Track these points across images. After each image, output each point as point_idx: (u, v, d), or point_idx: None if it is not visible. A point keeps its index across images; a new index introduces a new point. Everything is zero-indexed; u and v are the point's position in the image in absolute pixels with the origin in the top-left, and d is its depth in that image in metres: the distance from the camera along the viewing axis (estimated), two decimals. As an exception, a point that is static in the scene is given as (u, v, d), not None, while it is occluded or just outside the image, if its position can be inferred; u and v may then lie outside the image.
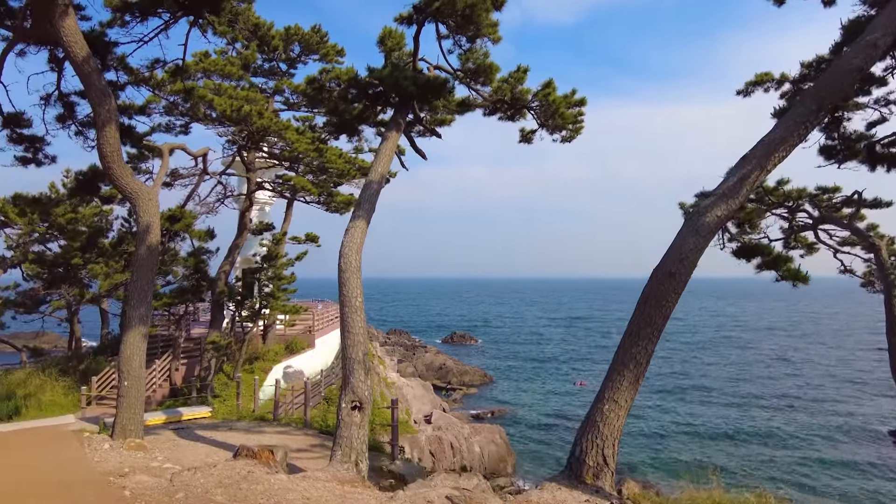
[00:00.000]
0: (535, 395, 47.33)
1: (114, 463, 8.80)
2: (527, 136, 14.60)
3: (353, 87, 12.14)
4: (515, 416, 41.01)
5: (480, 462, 29.32)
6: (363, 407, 8.63)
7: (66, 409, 20.73)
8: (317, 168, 20.50)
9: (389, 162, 11.22)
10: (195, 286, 18.68)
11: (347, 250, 9.55)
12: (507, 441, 32.67)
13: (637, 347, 7.66)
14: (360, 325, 9.09)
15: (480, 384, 52.10)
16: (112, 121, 10.20)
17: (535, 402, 45.06)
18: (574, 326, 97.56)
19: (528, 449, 34.37)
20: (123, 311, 24.01)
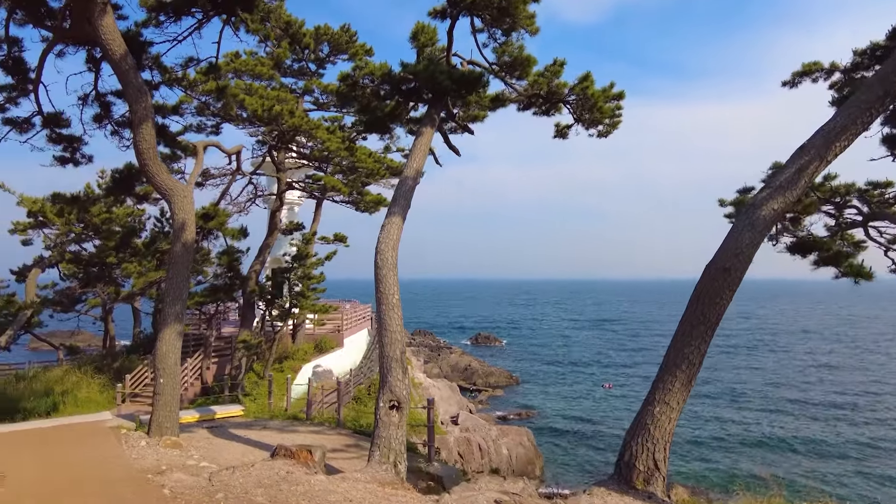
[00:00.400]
0: (561, 398, 46.69)
1: (151, 460, 8.75)
2: (562, 132, 14.26)
3: (386, 82, 11.97)
4: (542, 418, 40.48)
5: (508, 464, 28.96)
6: (401, 406, 8.42)
7: (101, 406, 21.04)
8: (347, 167, 20.43)
9: (424, 158, 11.02)
10: (228, 284, 18.74)
11: (384, 247, 9.37)
12: (535, 443, 32.22)
13: (690, 347, 7.30)
14: (397, 322, 8.90)
15: (506, 386, 51.62)
16: (148, 118, 10.20)
17: (562, 404, 44.43)
18: (600, 328, 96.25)
19: (556, 451, 33.83)
20: (156, 308, 24.43)
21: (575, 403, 43.88)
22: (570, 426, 37.66)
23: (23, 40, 12.07)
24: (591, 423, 37.85)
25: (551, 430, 36.83)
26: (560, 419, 39.20)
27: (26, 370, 23.21)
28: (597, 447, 33.06)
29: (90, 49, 12.71)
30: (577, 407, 42.60)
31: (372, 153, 20.71)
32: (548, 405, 43.14)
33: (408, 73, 11.37)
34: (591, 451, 32.49)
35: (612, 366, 59.34)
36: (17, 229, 25.39)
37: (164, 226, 21.60)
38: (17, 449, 9.12)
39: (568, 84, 12.66)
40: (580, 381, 52.43)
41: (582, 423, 37.93)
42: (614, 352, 69.00)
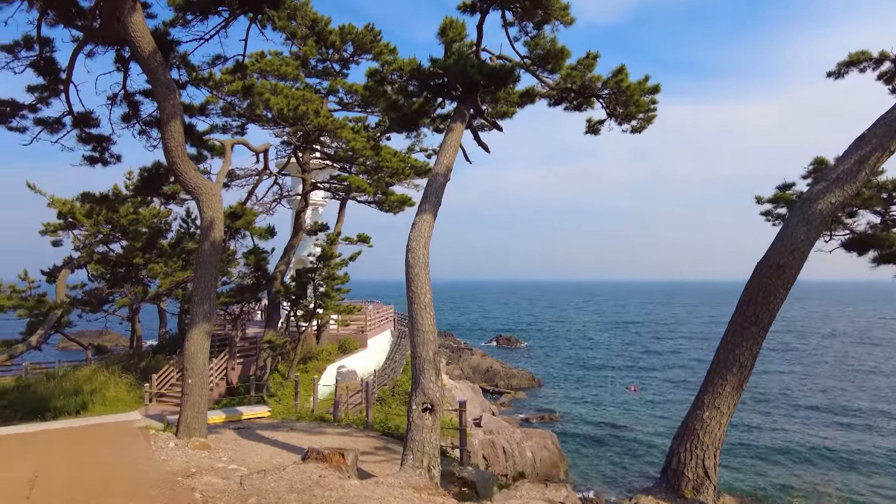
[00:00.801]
0: (585, 400, 45.98)
1: (180, 462, 8.61)
2: (594, 127, 13.88)
3: (415, 78, 11.74)
4: (566, 421, 39.86)
5: (532, 467, 28.54)
6: (435, 409, 8.15)
7: (128, 406, 21.18)
8: (371, 167, 20.28)
9: (455, 154, 10.75)
10: (255, 284, 18.68)
11: (415, 244, 9.12)
12: (559, 446, 31.72)
13: (741, 349, 6.91)
14: (429, 322, 8.63)
15: (528, 388, 51.04)
16: (176, 115, 10.11)
17: (586, 406, 43.73)
18: (622, 330, 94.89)
19: (581, 455, 33.24)
20: (182, 309, 24.55)
21: (599, 406, 43.16)
22: (594, 429, 37.02)
23: (54, 41, 12.12)
24: (616, 426, 37.15)
25: (575, 434, 36.23)
26: (584, 422, 38.56)
27: (56, 369, 23.52)
28: (623, 451, 32.41)
29: (119, 49, 12.72)
30: (602, 410, 41.87)
31: (396, 153, 20.53)
32: (571, 408, 42.50)
33: (437, 68, 11.12)
34: (617, 455, 31.85)
35: (637, 369, 58.38)
36: (48, 230, 25.77)
37: (189, 226, 21.69)
38: (48, 449, 9.06)
39: (602, 77, 12.29)
40: (604, 384, 51.63)
41: (607, 427, 37.24)
42: (638, 354, 67.91)
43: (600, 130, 14.05)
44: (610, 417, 39.51)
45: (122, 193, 15.92)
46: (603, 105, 13.19)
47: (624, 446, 32.87)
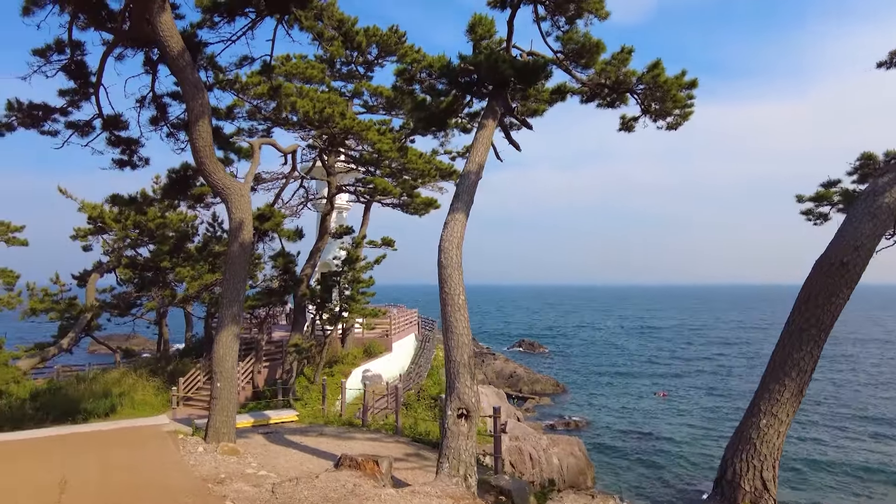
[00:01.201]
0: (611, 406, 45.08)
1: (209, 467, 8.42)
2: (628, 124, 13.48)
3: (444, 75, 11.49)
4: (592, 427, 39.08)
5: (559, 474, 27.94)
6: (471, 415, 7.83)
7: (156, 409, 21.26)
8: (397, 169, 20.09)
9: (487, 151, 10.46)
10: (283, 287, 18.59)
11: (447, 245, 8.83)
12: (587, 453, 31.03)
13: (800, 352, 6.44)
14: (464, 324, 8.33)
15: (552, 393, 50.24)
16: (205, 115, 10.00)
17: (612, 413, 42.85)
18: (649, 335, 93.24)
19: (608, 462, 32.46)
20: (209, 313, 24.64)
21: (626, 413, 42.25)
22: (621, 436, 36.20)
23: (85, 44, 12.17)
24: (644, 433, 36.27)
25: (602, 440, 35.47)
26: (611, 429, 37.75)
27: (86, 372, 23.76)
28: (652, 459, 31.59)
29: (147, 51, 12.74)
30: (628, 416, 40.98)
31: (422, 154, 20.32)
32: (597, 414, 41.70)
33: (468, 65, 10.85)
34: (646, 463, 31.06)
35: (664, 375, 57.11)
36: (78, 235, 26.14)
37: (216, 230, 21.75)
38: (77, 452, 8.96)
39: (637, 72, 11.89)
40: (631, 391, 50.62)
41: (634, 434, 36.38)
42: (665, 360, 66.56)
43: (634, 127, 13.64)
44: (637, 424, 38.63)
45: (150, 196, 15.99)
46: (637, 101, 12.78)
47: (653, 454, 32.06)
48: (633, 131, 13.72)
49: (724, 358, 65.32)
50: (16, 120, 12.50)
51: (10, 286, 25.55)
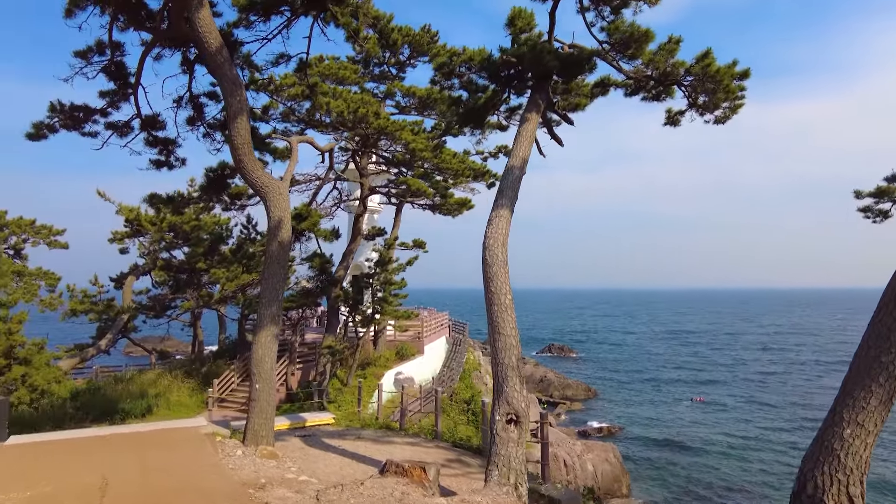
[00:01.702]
0: (645, 411, 44.02)
1: (249, 472, 8.20)
2: (673, 118, 12.91)
3: (485, 69, 11.15)
4: (625, 433, 38.17)
5: (594, 481, 27.28)
6: (520, 420, 7.44)
7: (191, 410, 21.35)
8: (430, 169, 19.82)
9: (531, 145, 10.08)
10: (319, 288, 18.46)
11: (492, 242, 8.46)
12: (621, 460, 30.23)
13: (890, 355, 5.88)
14: (511, 325, 7.95)
15: (584, 398, 49.36)
16: (243, 112, 9.85)
17: (647, 418, 41.81)
18: (680, 340, 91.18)
19: (643, 469, 31.61)
20: (242, 315, 24.74)
21: (660, 419, 41.20)
22: (656, 443, 35.25)
23: (124, 45, 12.21)
24: (678, 440, 35.25)
25: (636, 447, 34.60)
26: (645, 435, 36.82)
27: (123, 373, 24.05)
28: (688, 467, 30.63)
29: (185, 50, 12.73)
30: (662, 423, 39.94)
31: (456, 154, 20.00)
32: (630, 420, 40.76)
33: (511, 56, 10.49)
34: (682, 471, 30.15)
35: (700, 381, 55.59)
36: (116, 239, 26.57)
37: (250, 232, 21.80)
38: (117, 453, 8.86)
39: (685, 63, 11.36)
40: (664, 396, 49.40)
41: (668, 441, 35.39)
42: (699, 365, 64.87)
43: (680, 122, 13.07)
44: (673, 431, 37.60)
45: (187, 196, 16.06)
46: (685, 94, 12.24)
47: (689, 461, 31.10)
48: (679, 125, 13.17)
49: (761, 364, 63.40)
50: (58, 122, 12.62)
51: (52, 288, 26.11)
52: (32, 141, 12.77)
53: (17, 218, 26.90)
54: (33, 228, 27.18)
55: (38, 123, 12.41)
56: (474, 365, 31.85)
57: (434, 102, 21.56)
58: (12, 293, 19.24)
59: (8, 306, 18.00)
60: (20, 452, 8.99)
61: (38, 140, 12.81)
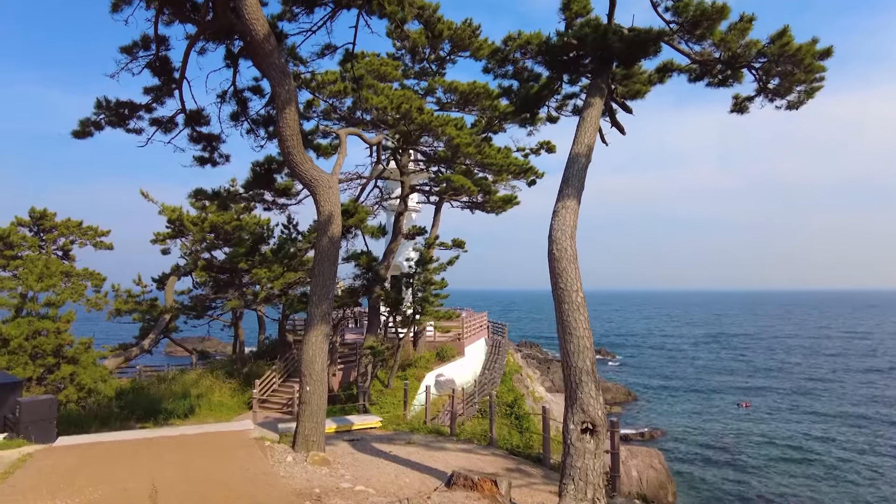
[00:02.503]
0: (689, 416, 42.43)
1: (301, 480, 7.74)
2: (741, 105, 12.02)
3: (543, 53, 10.51)
4: (668, 438, 36.77)
5: (638, 488, 26.21)
6: (597, 430, 6.77)
7: (232, 410, 21.23)
8: (474, 165, 19.22)
9: (595, 132, 9.40)
10: (366, 286, 18.03)
11: (560, 235, 7.81)
12: (667, 466, 28.99)
13: None
14: (584, 325, 7.28)
15: (624, 402, 47.97)
16: (292, 102, 9.44)
17: (691, 423, 40.26)
18: (720, 343, 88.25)
19: (689, 476, 30.28)
20: (283, 315, 24.59)
21: (704, 424, 39.63)
22: (701, 449, 33.82)
23: (169, 39, 12.01)
24: (725, 447, 33.73)
25: (681, 453, 33.25)
26: (689, 441, 35.42)
27: (166, 372, 24.16)
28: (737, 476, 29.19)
29: (229, 44, 12.48)
30: (708, 428, 38.36)
31: (500, 149, 19.35)
32: (673, 425, 39.31)
33: (572, 38, 9.82)
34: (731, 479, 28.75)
35: (745, 386, 53.42)
36: (158, 240, 26.79)
37: (291, 232, 21.56)
38: (165, 458, 8.51)
39: (759, 43, 10.49)
40: (706, 401, 47.60)
41: (715, 447, 33.89)
42: (744, 370, 62.51)
43: (749, 108, 12.16)
44: (717, 437, 36.09)
45: (232, 191, 15.91)
46: (755, 77, 11.35)
47: (737, 470, 29.68)
48: (748, 112, 12.28)
49: (809, 369, 60.70)
50: (104, 119, 12.50)
51: (97, 288, 26.45)
52: (78, 138, 12.68)
53: (65, 220, 27.38)
54: (80, 230, 27.62)
55: (84, 120, 12.31)
56: (515, 367, 31.10)
57: (476, 97, 20.98)
58: (60, 293, 19.41)
59: (57, 306, 18.15)
60: (68, 454, 8.75)
61: (84, 137, 12.72)
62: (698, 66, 11.42)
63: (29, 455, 8.58)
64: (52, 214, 26.86)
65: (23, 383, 14.22)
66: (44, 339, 17.00)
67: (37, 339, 16.88)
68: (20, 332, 16.30)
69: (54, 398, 12.04)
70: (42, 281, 18.34)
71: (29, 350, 16.58)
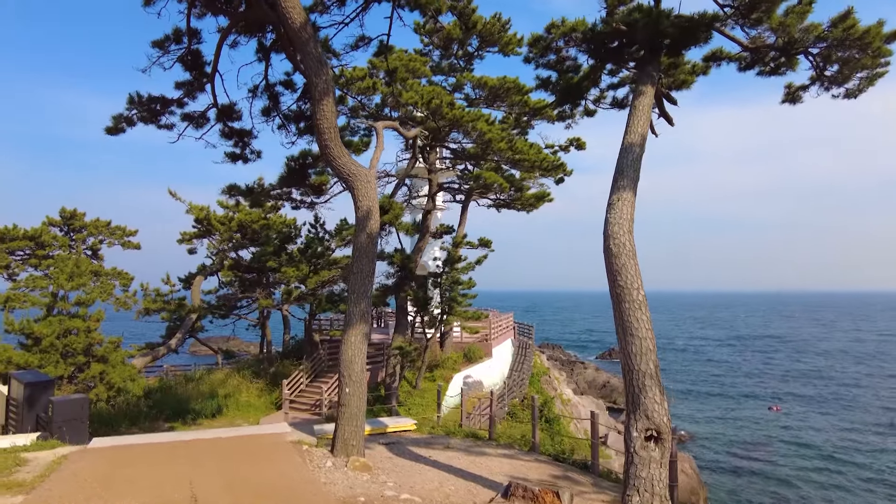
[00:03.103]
0: (717, 420, 41.44)
1: (343, 487, 7.38)
2: (794, 94, 11.39)
3: (590, 40, 10.03)
4: (697, 442, 35.89)
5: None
6: (663, 437, 6.29)
7: (259, 411, 21.04)
8: (506, 161, 18.75)
9: (648, 120, 8.91)
10: (399, 285, 17.68)
11: (617, 229, 7.34)
12: (698, 471, 28.18)
13: None
14: (646, 325, 6.80)
15: (651, 405, 46.71)
16: (329, 93, 9.10)
17: (719, 427, 39.30)
18: (749, 345, 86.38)
19: (719, 481, 29.46)
20: (310, 314, 24.39)
21: (733, 428, 38.64)
22: (731, 454, 32.94)
23: (201, 32, 11.79)
24: (756, 452, 32.80)
25: (710, 458, 32.40)
26: (718, 446, 34.51)
27: (193, 372, 24.10)
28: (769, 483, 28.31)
29: (261, 37, 12.24)
30: (738, 433, 37.38)
31: (533, 144, 18.84)
32: (701, 429, 38.41)
33: (621, 24, 9.33)
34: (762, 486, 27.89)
35: (773, 389, 52.01)
36: (184, 239, 26.80)
37: (318, 231, 21.36)
38: (202, 463, 8.22)
39: (820, 27, 9.88)
40: (735, 404, 46.47)
41: (745, 452, 32.98)
42: (773, 373, 60.98)
43: (802, 98, 11.54)
44: (746, 441, 35.14)
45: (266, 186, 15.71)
46: (812, 64, 10.73)
47: (769, 477, 28.77)
48: (801, 102, 11.64)
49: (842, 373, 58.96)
50: (136, 115, 12.34)
51: (125, 287, 26.56)
52: (111, 135, 12.54)
53: (94, 220, 27.55)
54: (109, 229, 27.78)
55: (117, 116, 12.15)
56: (542, 369, 30.54)
57: (506, 93, 20.51)
58: (90, 292, 19.41)
59: (87, 305, 18.14)
60: (102, 457, 8.51)
61: (116, 134, 12.57)
62: (749, 53, 10.85)
63: (63, 457, 8.36)
64: (82, 214, 27.06)
65: (54, 382, 14.17)
66: (74, 338, 16.98)
67: (67, 338, 16.86)
68: (52, 331, 16.28)
69: (86, 397, 11.90)
70: (72, 280, 18.35)
71: (60, 348, 16.56)
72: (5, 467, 7.65)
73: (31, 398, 12.08)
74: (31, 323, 16.55)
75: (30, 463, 8.10)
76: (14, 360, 15.57)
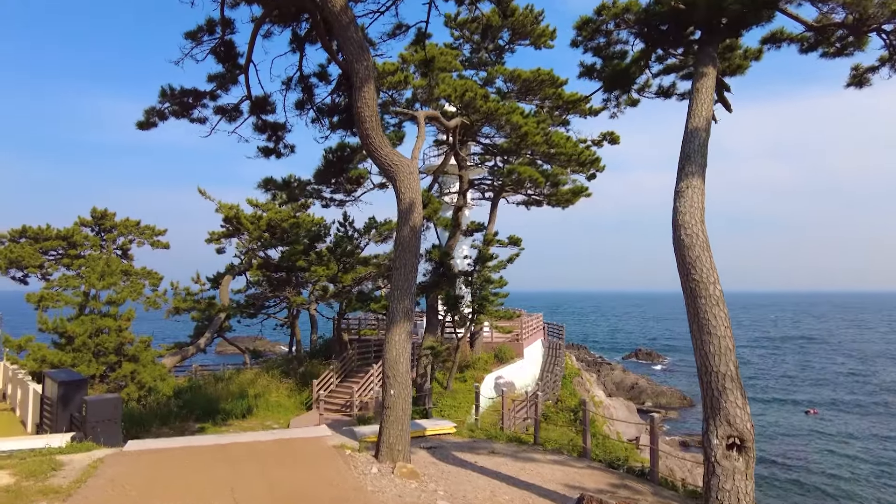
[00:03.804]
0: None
1: (392, 496, 6.92)
2: (861, 77, 10.64)
3: (643, 21, 9.46)
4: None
5: (706, 500, 24.48)
6: (746, 445, 5.70)
7: (289, 411, 20.77)
8: (541, 154, 18.16)
9: (711, 102, 8.30)
10: (437, 282, 17.22)
11: (689, 219, 6.75)
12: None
13: None
14: (724, 323, 6.21)
15: (679, 407, 45.94)
16: (370, 79, 8.67)
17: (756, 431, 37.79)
18: (781, 347, 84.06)
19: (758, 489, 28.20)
20: (339, 314, 24.13)
21: (769, 432, 37.33)
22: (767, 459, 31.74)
23: (234, 22, 11.48)
24: (793, 456, 31.58)
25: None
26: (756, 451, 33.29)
27: (222, 372, 23.96)
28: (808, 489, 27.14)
29: (295, 26, 11.88)
30: (772, 437, 36.09)
31: (569, 138, 18.23)
32: (736, 433, 37.13)
33: (680, 3, 8.73)
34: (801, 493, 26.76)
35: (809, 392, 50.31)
36: (213, 239, 26.73)
37: (347, 230, 21.01)
38: (242, 469, 7.83)
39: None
40: (770, 407, 45.01)
41: (781, 456, 31.77)
42: (807, 375, 59.13)
43: (870, 80, 10.77)
44: (783, 446, 33.89)
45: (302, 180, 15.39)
46: (885, 42, 9.97)
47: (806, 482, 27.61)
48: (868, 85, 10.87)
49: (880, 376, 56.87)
50: (168, 108, 12.08)
51: (155, 287, 26.58)
52: (143, 129, 12.30)
53: (123, 219, 27.66)
54: (138, 229, 27.86)
55: (149, 109, 11.91)
56: (574, 371, 29.83)
57: (539, 86, 19.93)
58: (120, 292, 19.34)
59: (118, 304, 18.04)
60: (139, 462, 8.18)
61: (148, 129, 12.33)
62: (814, 33, 10.15)
63: (100, 461, 8.04)
64: (113, 214, 27.17)
65: (87, 381, 14.02)
66: (106, 337, 16.87)
67: (99, 337, 16.76)
68: (84, 330, 16.17)
69: (119, 397, 11.67)
70: (104, 279, 18.28)
71: (92, 347, 16.46)
72: (41, 471, 7.36)
73: (65, 397, 11.90)
74: (64, 322, 16.49)
75: (65, 467, 7.81)
76: (48, 358, 15.50)
